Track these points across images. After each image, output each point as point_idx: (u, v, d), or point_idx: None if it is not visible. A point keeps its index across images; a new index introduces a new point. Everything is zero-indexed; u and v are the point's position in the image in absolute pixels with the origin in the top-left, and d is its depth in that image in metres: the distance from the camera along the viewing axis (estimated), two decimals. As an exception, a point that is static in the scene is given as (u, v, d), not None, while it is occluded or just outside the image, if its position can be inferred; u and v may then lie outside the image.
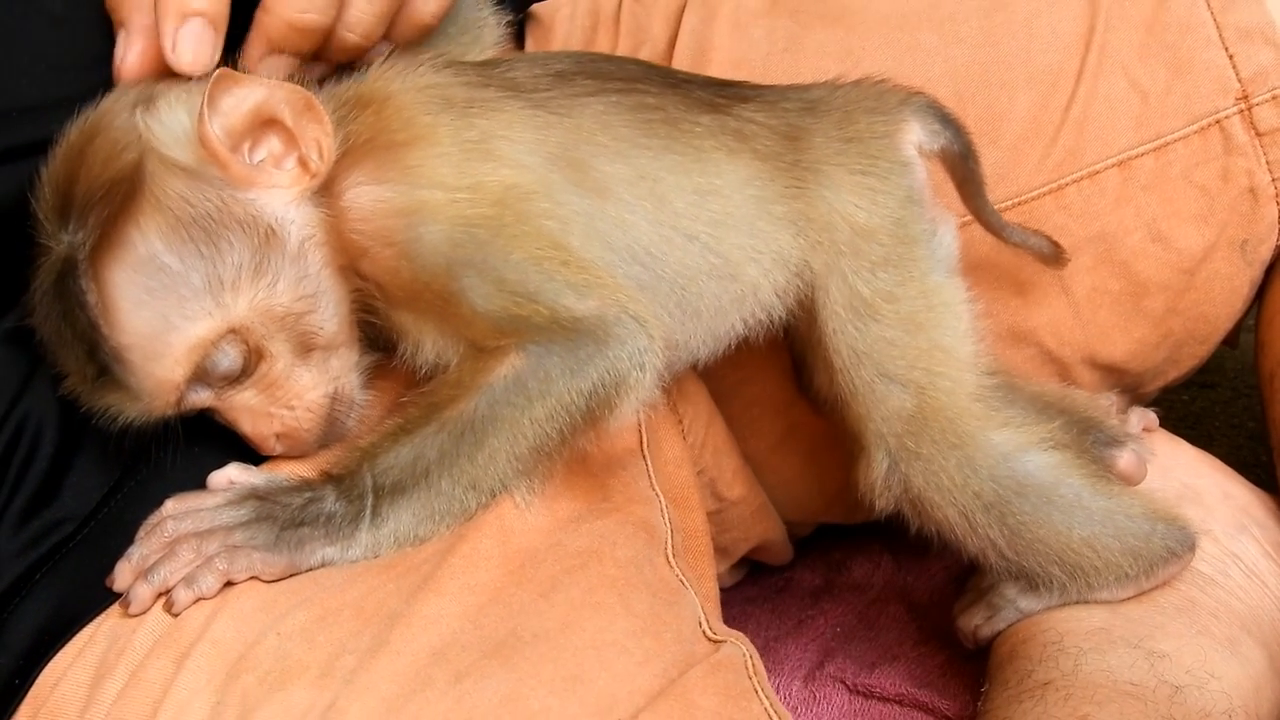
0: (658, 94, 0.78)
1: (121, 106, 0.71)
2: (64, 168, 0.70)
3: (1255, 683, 0.82)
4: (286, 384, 0.74)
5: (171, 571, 0.69)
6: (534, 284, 0.72)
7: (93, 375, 0.71)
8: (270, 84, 0.71)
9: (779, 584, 1.11)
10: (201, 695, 0.66)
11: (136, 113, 0.71)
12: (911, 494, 0.81)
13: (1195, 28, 0.90)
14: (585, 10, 1.02)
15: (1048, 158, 0.91)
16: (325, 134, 0.72)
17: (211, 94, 0.69)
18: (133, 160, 0.69)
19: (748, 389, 0.99)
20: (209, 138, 0.69)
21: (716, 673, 0.75)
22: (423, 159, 0.73)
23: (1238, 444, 1.35)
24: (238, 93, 0.70)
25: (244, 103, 0.70)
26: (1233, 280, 0.93)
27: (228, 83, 0.70)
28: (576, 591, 0.74)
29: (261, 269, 0.71)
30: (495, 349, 0.72)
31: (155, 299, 0.70)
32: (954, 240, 0.83)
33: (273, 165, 0.72)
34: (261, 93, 0.70)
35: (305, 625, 0.69)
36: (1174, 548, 0.83)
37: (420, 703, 0.66)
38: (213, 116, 0.69)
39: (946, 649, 0.97)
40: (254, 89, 0.70)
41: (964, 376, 0.81)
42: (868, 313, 0.80)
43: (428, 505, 0.73)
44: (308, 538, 0.71)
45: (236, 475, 0.73)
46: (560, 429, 0.73)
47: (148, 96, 0.72)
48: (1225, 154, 0.91)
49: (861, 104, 0.81)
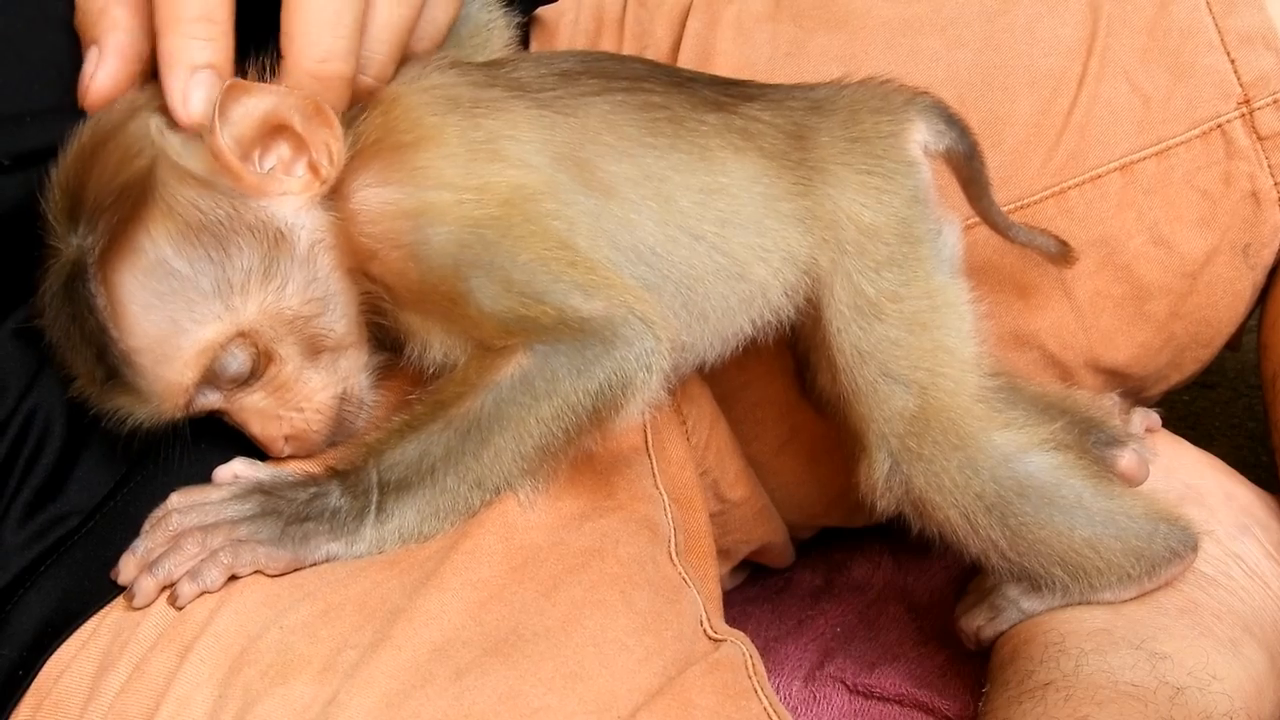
0: (663, 93, 0.78)
1: (135, 112, 0.72)
2: (75, 170, 0.71)
3: (1257, 684, 0.82)
4: (296, 386, 0.74)
5: (176, 565, 0.69)
6: (541, 284, 0.72)
7: (102, 378, 0.71)
8: (280, 91, 0.71)
9: (779, 584, 1.11)
10: (204, 689, 0.66)
11: (150, 119, 0.71)
12: (913, 495, 0.81)
13: (1197, 32, 0.90)
14: (589, 14, 1.02)
15: (1050, 161, 0.92)
16: (335, 138, 0.72)
17: (222, 105, 0.69)
18: (144, 166, 0.70)
19: (751, 391, 0.99)
20: (220, 150, 0.69)
21: (715, 671, 0.75)
22: (430, 160, 0.73)
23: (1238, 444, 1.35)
24: (248, 102, 0.70)
25: (254, 111, 0.70)
26: (1235, 284, 0.94)
27: (238, 93, 0.70)
28: (578, 589, 0.74)
29: (271, 273, 0.72)
30: (502, 348, 0.72)
31: (164, 303, 0.70)
32: (958, 241, 0.83)
33: (282, 171, 0.72)
34: (271, 100, 0.71)
35: (308, 620, 0.69)
36: (1176, 548, 0.83)
37: (420, 699, 0.66)
38: (223, 127, 0.70)
39: (947, 649, 0.97)
40: (264, 98, 0.71)
41: (966, 377, 0.81)
42: (872, 312, 0.80)
43: (432, 502, 0.73)
44: (312, 533, 0.71)
45: (242, 470, 0.73)
46: (566, 428, 0.73)
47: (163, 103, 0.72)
48: (1227, 158, 0.91)
49: (867, 104, 0.81)
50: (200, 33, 0.71)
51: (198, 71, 0.71)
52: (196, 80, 0.71)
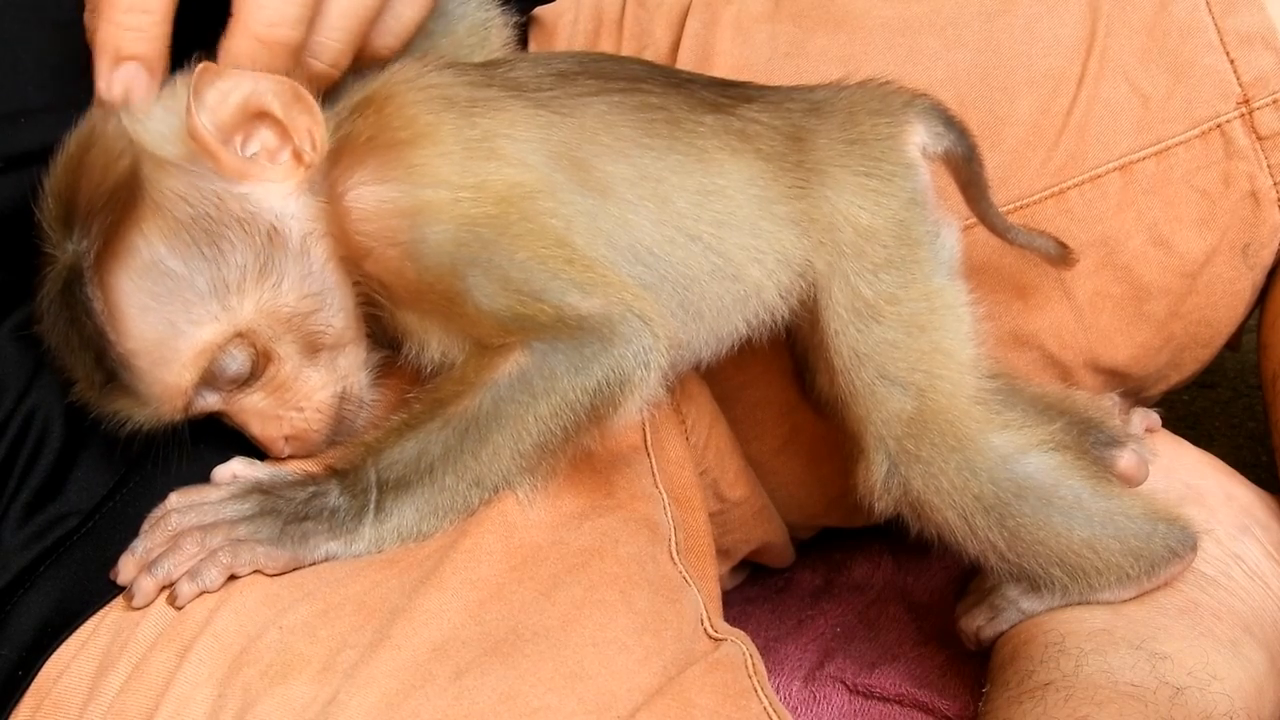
0: (661, 94, 0.78)
1: (108, 114, 0.72)
2: (64, 178, 0.71)
3: (1257, 684, 0.82)
4: (295, 385, 0.74)
5: (175, 565, 0.70)
6: (539, 282, 0.72)
7: (100, 381, 0.71)
8: (255, 76, 0.71)
9: (779, 584, 1.11)
10: (203, 689, 0.67)
11: (124, 116, 0.71)
12: (911, 497, 0.81)
13: (1196, 32, 0.90)
14: (588, 14, 1.02)
15: (1049, 161, 0.92)
16: (316, 123, 0.72)
17: (197, 87, 0.69)
18: (128, 166, 0.70)
19: (751, 392, 0.99)
20: (197, 129, 0.70)
21: (715, 671, 0.75)
22: (426, 158, 0.73)
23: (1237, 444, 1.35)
24: (221, 86, 0.70)
25: (230, 95, 0.70)
26: (1234, 284, 0.94)
27: (210, 76, 0.70)
28: (578, 589, 0.74)
29: (266, 270, 0.72)
30: (500, 346, 0.72)
31: (161, 305, 0.70)
32: (956, 243, 0.83)
33: (267, 159, 0.72)
34: (248, 85, 0.71)
35: (307, 619, 0.69)
36: (1175, 547, 0.83)
37: (420, 698, 0.66)
38: (200, 110, 0.70)
39: (946, 649, 0.97)
40: (239, 81, 0.70)
41: (964, 379, 0.81)
42: (870, 314, 0.80)
43: (431, 501, 0.73)
44: (311, 532, 0.71)
45: (241, 469, 0.73)
46: (564, 426, 0.73)
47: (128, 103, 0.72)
48: (1226, 158, 0.91)
49: (866, 106, 0.81)
50: (132, 22, 0.71)
51: (124, 62, 0.71)
52: (123, 70, 0.71)
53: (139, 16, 0.71)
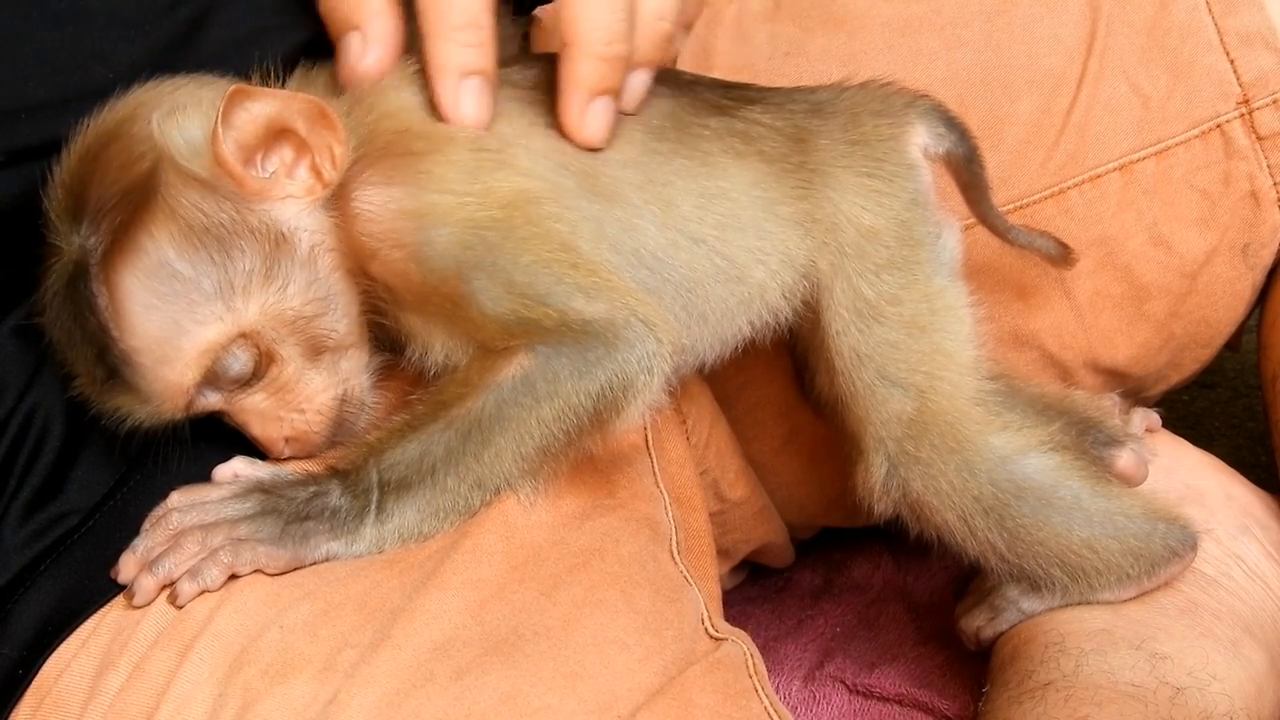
0: (668, 97, 0.78)
1: (140, 113, 0.72)
2: (78, 170, 0.71)
3: (1257, 684, 0.82)
4: (297, 387, 0.74)
5: (176, 564, 0.69)
6: (543, 286, 0.72)
7: (102, 378, 0.71)
8: (284, 95, 0.71)
9: (779, 584, 1.11)
10: (204, 688, 0.66)
11: (155, 121, 0.71)
12: (910, 498, 0.81)
13: (1196, 32, 0.91)
14: (589, 14, 1.02)
15: (1049, 161, 0.92)
16: (339, 141, 0.72)
17: (225, 110, 0.69)
18: (148, 168, 0.70)
19: (752, 392, 0.99)
20: (223, 156, 0.70)
21: (716, 671, 0.75)
22: (434, 163, 0.73)
23: (1237, 444, 1.35)
24: (252, 107, 0.70)
25: (258, 116, 0.71)
26: (1234, 284, 0.94)
27: (242, 98, 0.70)
28: (579, 589, 0.74)
29: (272, 274, 0.72)
30: (504, 349, 0.72)
31: (166, 304, 0.70)
32: (958, 244, 0.83)
33: (284, 173, 0.72)
34: (276, 105, 0.71)
35: (308, 619, 0.69)
36: (1175, 547, 0.83)
37: (421, 698, 0.66)
38: (226, 132, 0.70)
39: (946, 649, 0.97)
40: (268, 103, 0.71)
41: (964, 380, 0.81)
42: (871, 315, 0.80)
43: (433, 502, 0.73)
44: (312, 532, 0.71)
45: (242, 469, 0.73)
46: (567, 430, 0.72)
47: (170, 107, 0.72)
48: (1226, 158, 0.91)
49: (867, 107, 0.81)
50: (468, 39, 0.72)
51: (467, 78, 0.72)
52: (466, 86, 0.72)
53: (474, 33, 0.73)
